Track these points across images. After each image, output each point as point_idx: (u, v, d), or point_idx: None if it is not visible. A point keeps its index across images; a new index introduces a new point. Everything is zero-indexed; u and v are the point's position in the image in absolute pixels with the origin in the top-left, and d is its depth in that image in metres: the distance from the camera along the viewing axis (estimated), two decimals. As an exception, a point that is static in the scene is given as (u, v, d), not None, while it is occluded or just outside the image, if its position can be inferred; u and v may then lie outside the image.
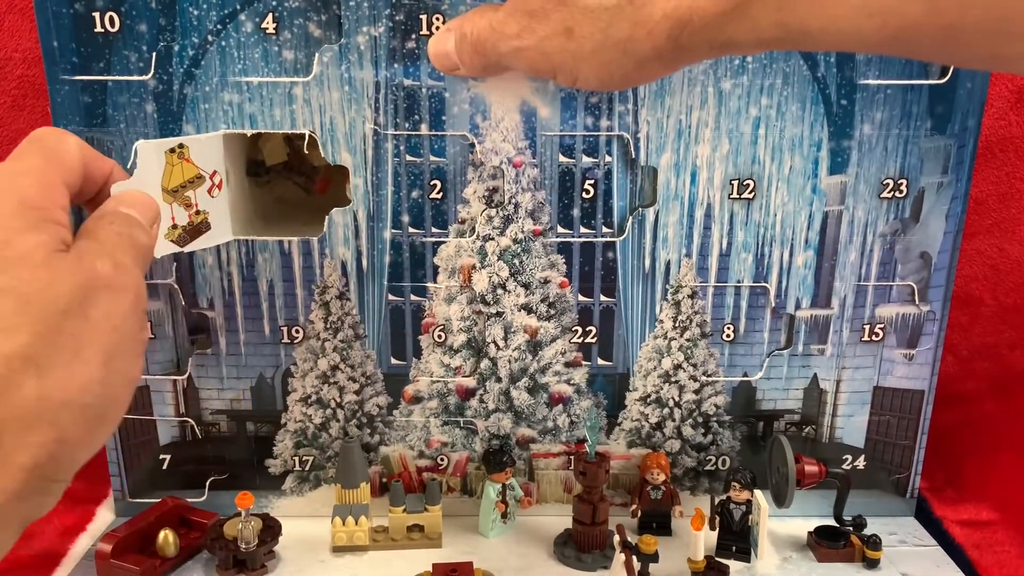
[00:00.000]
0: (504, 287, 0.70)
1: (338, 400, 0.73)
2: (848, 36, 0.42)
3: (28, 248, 0.41)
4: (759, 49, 0.45)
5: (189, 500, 0.74)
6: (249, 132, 0.65)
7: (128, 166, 0.63)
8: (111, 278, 0.44)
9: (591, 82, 0.50)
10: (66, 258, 0.42)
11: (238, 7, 0.63)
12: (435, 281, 0.70)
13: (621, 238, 0.70)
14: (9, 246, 0.41)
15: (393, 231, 0.69)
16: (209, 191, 0.60)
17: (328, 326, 0.71)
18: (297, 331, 0.71)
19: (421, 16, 0.63)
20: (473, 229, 0.69)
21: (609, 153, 0.67)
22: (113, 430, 0.45)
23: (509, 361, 0.72)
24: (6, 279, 0.40)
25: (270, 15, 0.63)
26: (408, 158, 0.67)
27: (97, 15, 0.62)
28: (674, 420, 0.75)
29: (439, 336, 0.72)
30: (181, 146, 0.57)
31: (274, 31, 0.64)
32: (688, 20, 0.44)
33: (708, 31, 0.44)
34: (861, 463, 0.76)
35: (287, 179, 0.76)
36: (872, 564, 0.70)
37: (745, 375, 0.74)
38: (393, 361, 0.73)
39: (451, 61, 0.56)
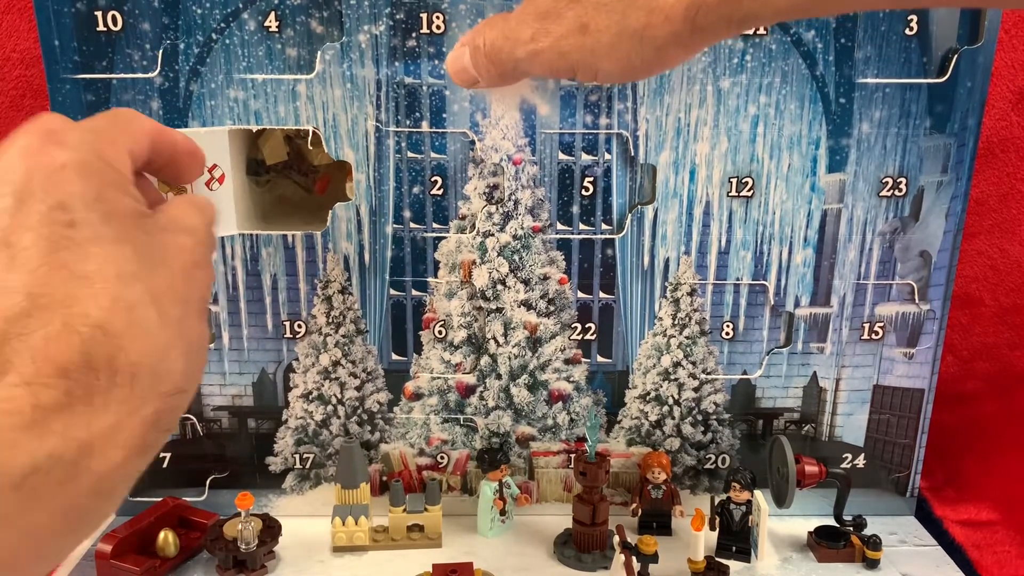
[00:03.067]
0: (504, 283, 0.71)
1: (339, 396, 0.73)
2: None
3: (129, 206, 0.43)
4: (777, 19, 0.45)
5: (189, 499, 0.74)
6: (255, 128, 0.66)
7: None
8: (184, 250, 0.45)
9: (613, 75, 0.49)
10: (159, 220, 0.44)
11: (241, 5, 0.63)
12: (436, 276, 0.71)
13: (620, 235, 0.70)
14: (112, 200, 0.42)
15: (395, 226, 0.69)
16: (207, 184, 0.60)
17: (330, 321, 0.71)
18: (299, 326, 0.71)
19: (421, 15, 0.64)
20: (473, 225, 0.69)
21: (608, 151, 0.68)
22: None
23: (509, 358, 0.73)
24: (117, 231, 0.41)
25: (273, 13, 0.64)
26: (409, 154, 0.67)
27: (99, 14, 0.63)
28: (674, 418, 0.75)
29: (440, 332, 0.72)
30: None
31: (277, 29, 0.64)
32: (703, 0, 0.44)
33: (724, 7, 0.44)
34: (861, 462, 0.76)
35: (287, 178, 0.77)
36: (872, 564, 0.70)
37: (744, 373, 0.74)
38: (394, 357, 0.73)
39: (470, 76, 0.56)
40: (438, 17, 0.64)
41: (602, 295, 0.72)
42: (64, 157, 0.42)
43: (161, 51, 0.64)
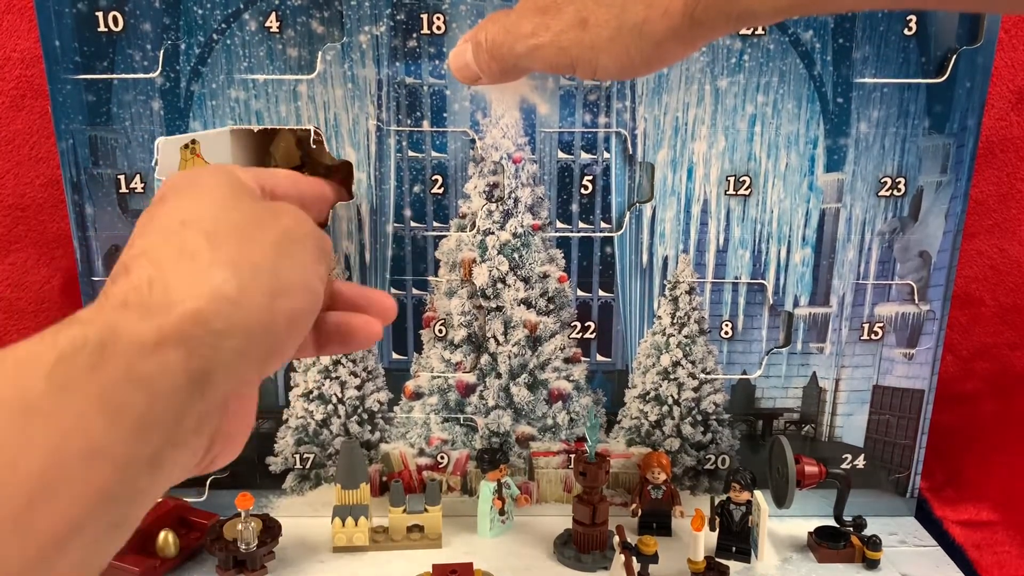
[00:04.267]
0: (504, 281, 0.71)
1: (339, 395, 0.73)
2: None
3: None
4: (776, 17, 0.45)
5: (189, 500, 0.74)
6: (256, 128, 0.66)
7: (152, 163, 0.66)
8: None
9: (611, 71, 0.49)
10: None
11: (242, 6, 0.64)
12: (436, 275, 0.71)
13: (619, 233, 0.70)
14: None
15: (395, 225, 0.70)
16: None
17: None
18: (300, 324, 0.72)
19: (422, 15, 0.64)
20: (474, 223, 0.70)
21: (607, 149, 0.68)
22: None
23: (509, 356, 0.73)
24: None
25: (273, 13, 0.64)
26: (410, 154, 0.68)
27: (100, 15, 0.63)
28: (673, 418, 0.75)
29: (440, 330, 0.72)
30: (193, 142, 0.59)
31: (278, 29, 0.64)
32: None
33: (724, 3, 0.44)
34: (861, 462, 0.76)
35: None
36: (872, 564, 0.70)
37: (744, 373, 0.74)
38: (394, 356, 0.73)
39: (472, 71, 0.56)
40: (438, 18, 0.64)
41: (601, 293, 0.72)
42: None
43: (162, 51, 0.64)
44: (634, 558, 0.62)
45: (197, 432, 0.37)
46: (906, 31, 0.65)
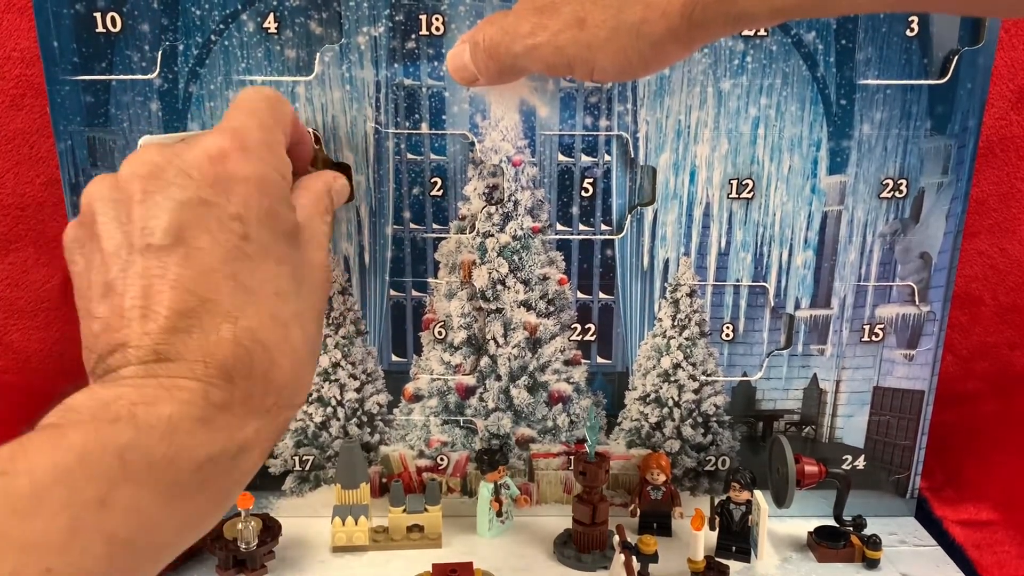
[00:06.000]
0: (504, 283, 0.71)
1: (339, 398, 0.73)
2: None
3: (291, 224, 0.48)
4: (775, 19, 0.45)
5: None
6: None
7: None
8: (325, 270, 0.51)
9: (608, 71, 0.49)
10: (306, 237, 0.50)
11: (239, 7, 0.63)
12: (436, 277, 0.71)
13: (620, 236, 0.70)
14: (280, 218, 0.47)
15: (395, 227, 0.69)
16: None
17: (330, 322, 0.71)
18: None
19: (420, 16, 0.64)
20: (473, 226, 0.69)
21: (608, 152, 0.68)
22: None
23: (509, 359, 0.73)
24: (279, 249, 0.46)
25: (271, 14, 0.64)
26: (409, 156, 0.67)
27: (98, 15, 0.63)
28: (674, 420, 0.75)
29: (439, 333, 0.72)
30: (183, 140, 0.58)
31: (276, 30, 0.64)
32: None
33: (722, 4, 0.43)
34: (861, 463, 0.76)
35: None
36: (872, 564, 0.70)
37: (744, 375, 0.74)
38: (394, 358, 0.73)
39: (469, 72, 0.56)
40: (437, 19, 0.64)
41: (602, 296, 0.71)
42: (249, 170, 0.46)
43: (160, 52, 0.64)
44: (634, 558, 0.62)
45: None
46: (908, 32, 0.65)
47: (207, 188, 0.44)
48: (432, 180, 0.68)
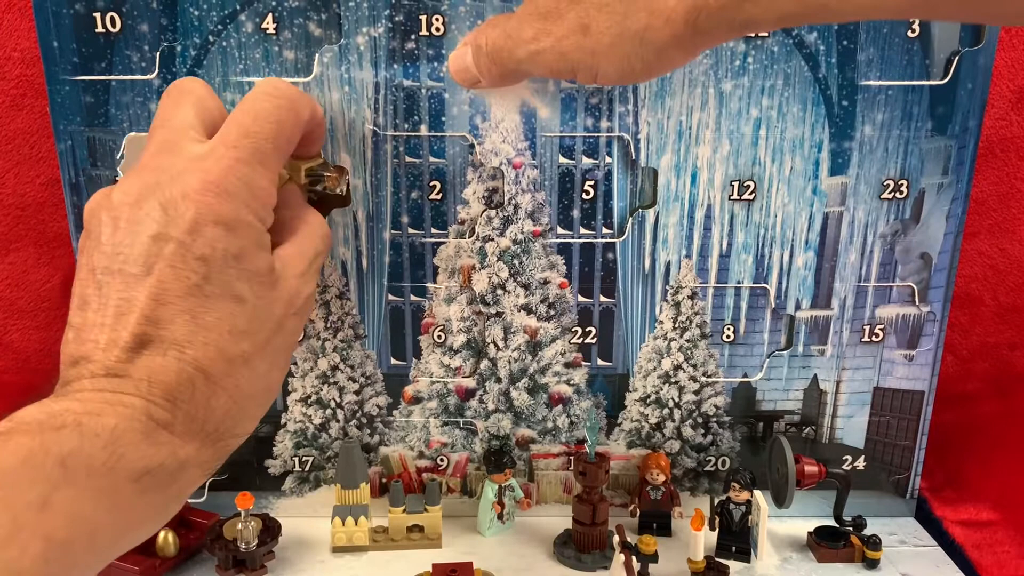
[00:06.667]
0: (504, 287, 0.70)
1: (338, 400, 0.73)
2: (868, 3, 0.42)
3: (261, 266, 0.50)
4: (779, 25, 0.45)
5: (189, 500, 0.73)
6: None
7: (118, 157, 0.65)
8: (307, 302, 0.54)
9: (611, 76, 0.49)
10: (279, 278, 0.51)
11: (238, 7, 0.63)
12: (435, 281, 0.71)
13: (621, 239, 0.69)
14: (249, 260, 0.49)
15: (393, 231, 0.69)
16: None
17: (328, 326, 0.71)
18: (298, 331, 0.71)
19: (421, 17, 0.63)
20: (473, 230, 0.69)
21: (609, 154, 0.67)
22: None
23: (509, 362, 0.72)
24: (241, 290, 0.49)
25: (270, 15, 0.63)
26: (407, 159, 0.67)
27: (98, 16, 0.62)
28: (674, 421, 0.75)
29: (439, 336, 0.72)
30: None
31: (274, 31, 0.64)
32: (704, 3, 0.44)
33: (726, 11, 0.44)
34: (861, 464, 0.76)
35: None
36: (872, 564, 0.70)
37: (745, 376, 0.74)
38: (393, 361, 0.73)
39: (471, 75, 0.56)
40: (438, 19, 0.63)
41: (603, 299, 0.71)
42: (222, 212, 0.48)
43: (159, 53, 0.64)
44: (634, 558, 0.63)
45: None
46: (910, 33, 0.64)
47: (178, 226, 0.46)
48: (431, 184, 0.68)
